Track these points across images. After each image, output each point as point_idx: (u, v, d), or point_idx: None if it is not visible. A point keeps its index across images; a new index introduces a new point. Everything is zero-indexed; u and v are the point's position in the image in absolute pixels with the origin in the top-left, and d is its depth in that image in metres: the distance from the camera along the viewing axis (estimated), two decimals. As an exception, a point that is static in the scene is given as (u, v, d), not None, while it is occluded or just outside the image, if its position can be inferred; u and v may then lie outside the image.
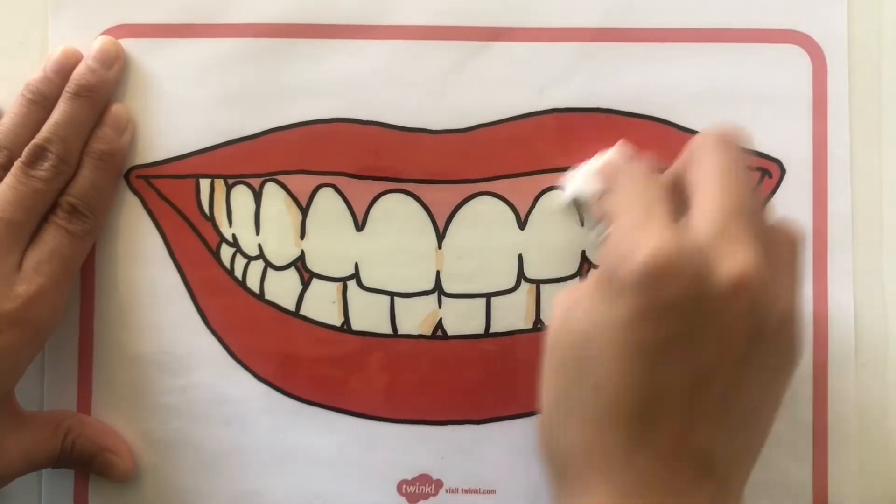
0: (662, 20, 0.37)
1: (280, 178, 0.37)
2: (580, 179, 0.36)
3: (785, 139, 0.38)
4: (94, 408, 0.37)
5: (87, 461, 0.36)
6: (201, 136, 0.37)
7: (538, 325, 0.37)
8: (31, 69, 0.37)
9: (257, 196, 0.37)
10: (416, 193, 0.37)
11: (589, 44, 0.38)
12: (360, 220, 0.37)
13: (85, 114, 0.36)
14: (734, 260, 0.28)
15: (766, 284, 0.29)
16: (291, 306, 0.37)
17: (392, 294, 0.37)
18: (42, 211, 0.35)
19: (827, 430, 0.37)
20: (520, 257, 0.37)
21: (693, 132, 0.37)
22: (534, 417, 0.37)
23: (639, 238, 0.29)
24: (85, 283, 0.37)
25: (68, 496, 0.37)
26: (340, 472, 0.37)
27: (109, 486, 0.37)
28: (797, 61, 0.38)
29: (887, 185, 0.38)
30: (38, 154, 0.35)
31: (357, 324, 0.37)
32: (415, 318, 0.37)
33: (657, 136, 0.37)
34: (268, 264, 0.37)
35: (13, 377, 0.35)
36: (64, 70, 0.36)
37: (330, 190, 0.37)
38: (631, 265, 0.28)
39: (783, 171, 0.38)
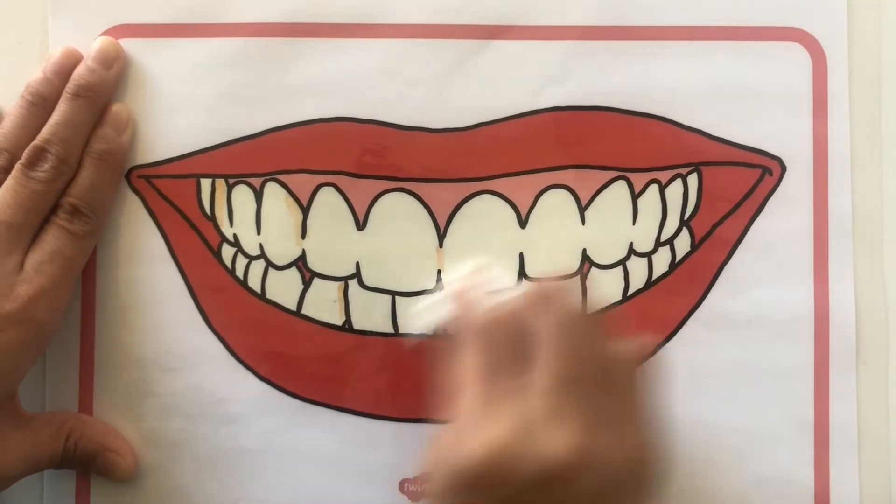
0: (663, 18, 0.37)
1: (281, 177, 0.37)
2: (432, 308, 0.35)
3: (785, 137, 0.38)
4: (95, 407, 0.37)
5: (88, 461, 0.36)
6: (202, 135, 0.37)
7: (539, 324, 0.37)
8: (31, 69, 0.37)
9: (258, 195, 0.37)
10: (416, 192, 0.37)
11: (589, 42, 0.37)
12: (360, 219, 0.37)
13: (85, 114, 0.36)
14: (554, 447, 0.28)
15: (588, 460, 0.28)
16: (293, 306, 0.37)
17: (393, 293, 0.37)
18: (43, 212, 0.35)
19: (828, 429, 0.37)
20: (520, 255, 0.37)
21: (694, 130, 0.37)
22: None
23: (471, 434, 0.29)
24: (86, 284, 0.37)
25: (70, 497, 0.37)
26: (342, 471, 0.37)
27: (111, 486, 0.37)
28: (797, 59, 0.38)
29: (888, 182, 0.38)
30: (38, 155, 0.35)
31: (358, 323, 0.37)
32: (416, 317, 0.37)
33: (657, 134, 0.37)
34: (269, 264, 0.37)
35: (14, 378, 0.35)
36: (63, 71, 0.36)
37: (331, 189, 0.37)
38: (461, 462, 0.28)
39: (783, 169, 0.38)
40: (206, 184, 0.37)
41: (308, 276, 0.37)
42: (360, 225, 0.37)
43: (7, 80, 0.37)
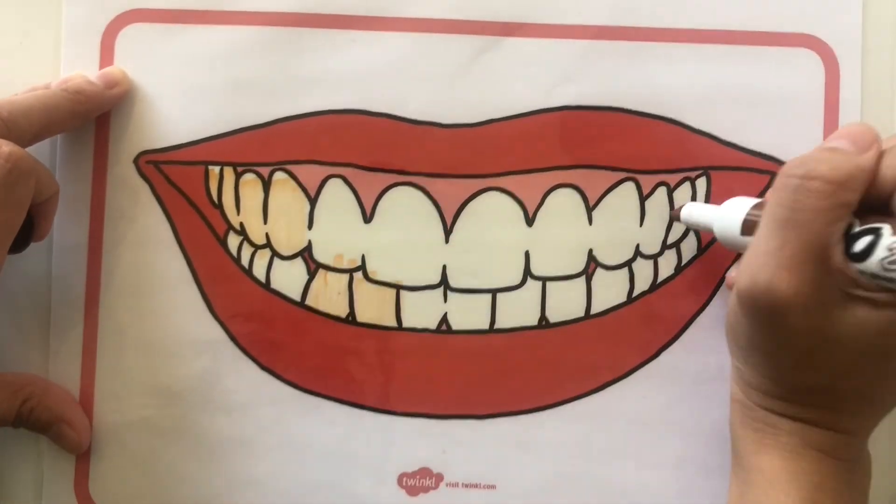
0: (676, 20, 0.37)
1: (289, 167, 0.37)
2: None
3: (795, 143, 0.37)
4: (96, 391, 0.37)
5: (42, 428, 0.36)
6: (212, 123, 0.37)
7: (543, 323, 0.37)
8: (31, 69, 0.37)
9: (266, 185, 0.37)
10: (424, 187, 0.37)
11: (601, 42, 0.37)
12: (367, 212, 0.37)
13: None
14: None
15: None
16: (297, 296, 0.37)
17: (398, 287, 0.37)
18: None
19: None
20: (526, 254, 0.37)
21: (704, 133, 0.37)
22: (535, 414, 0.37)
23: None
24: (92, 267, 0.37)
25: (69, 480, 0.37)
26: (341, 463, 0.37)
27: (110, 473, 0.37)
28: (810, 66, 0.37)
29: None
30: None
31: (362, 316, 0.37)
32: (420, 312, 0.37)
33: (667, 137, 0.37)
34: (274, 254, 0.37)
35: None
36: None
37: (339, 181, 0.37)
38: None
39: (792, 176, 0.37)
40: (214, 171, 0.37)
41: (313, 267, 0.37)
42: (367, 218, 0.37)
43: (7, 81, 0.37)
